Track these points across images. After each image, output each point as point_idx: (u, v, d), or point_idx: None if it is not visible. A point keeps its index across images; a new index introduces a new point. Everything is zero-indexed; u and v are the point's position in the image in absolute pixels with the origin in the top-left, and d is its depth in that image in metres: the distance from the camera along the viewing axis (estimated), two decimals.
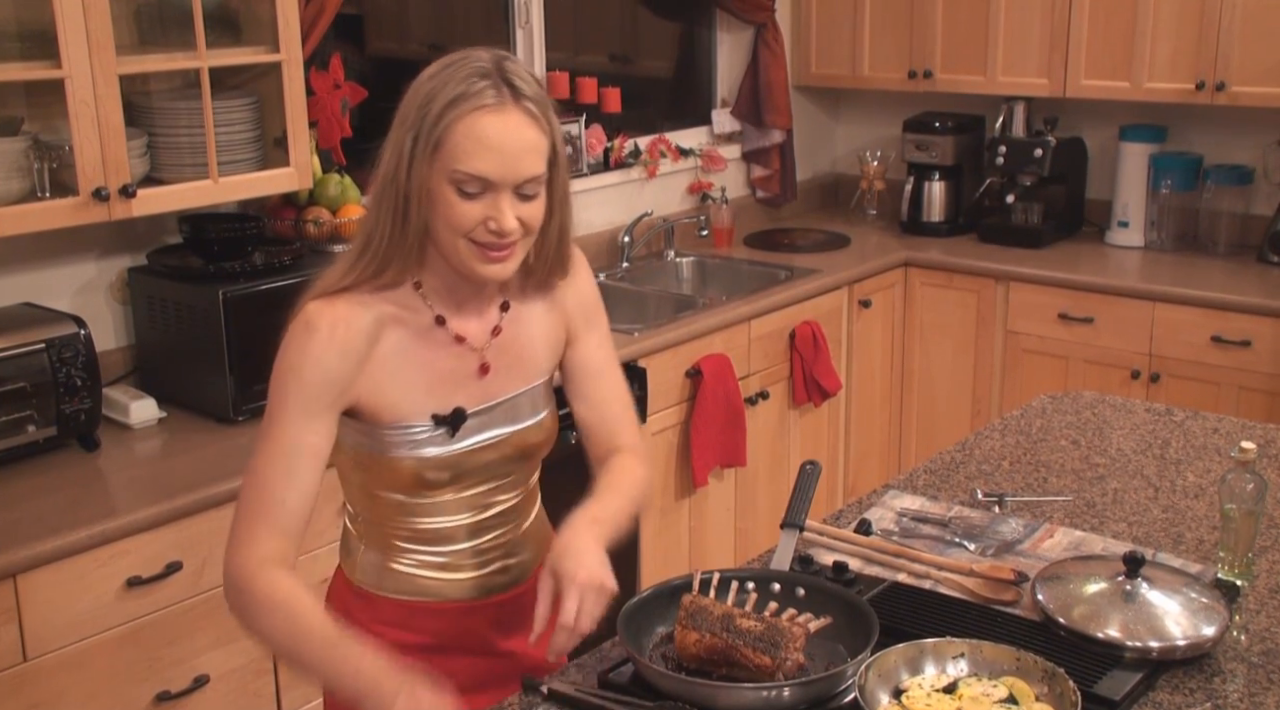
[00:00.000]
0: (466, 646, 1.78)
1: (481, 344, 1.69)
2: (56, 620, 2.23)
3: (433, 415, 1.65)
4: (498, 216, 1.54)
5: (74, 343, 2.51)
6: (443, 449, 1.67)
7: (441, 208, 1.55)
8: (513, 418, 1.73)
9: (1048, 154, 4.19)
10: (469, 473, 1.70)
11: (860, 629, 1.65)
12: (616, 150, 4.08)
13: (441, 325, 1.66)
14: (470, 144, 1.52)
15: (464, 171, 1.53)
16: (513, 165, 1.54)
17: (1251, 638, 1.74)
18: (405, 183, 1.55)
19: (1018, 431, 2.53)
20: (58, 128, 2.53)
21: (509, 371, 1.72)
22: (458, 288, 1.66)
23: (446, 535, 1.74)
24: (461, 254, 1.58)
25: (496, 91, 1.53)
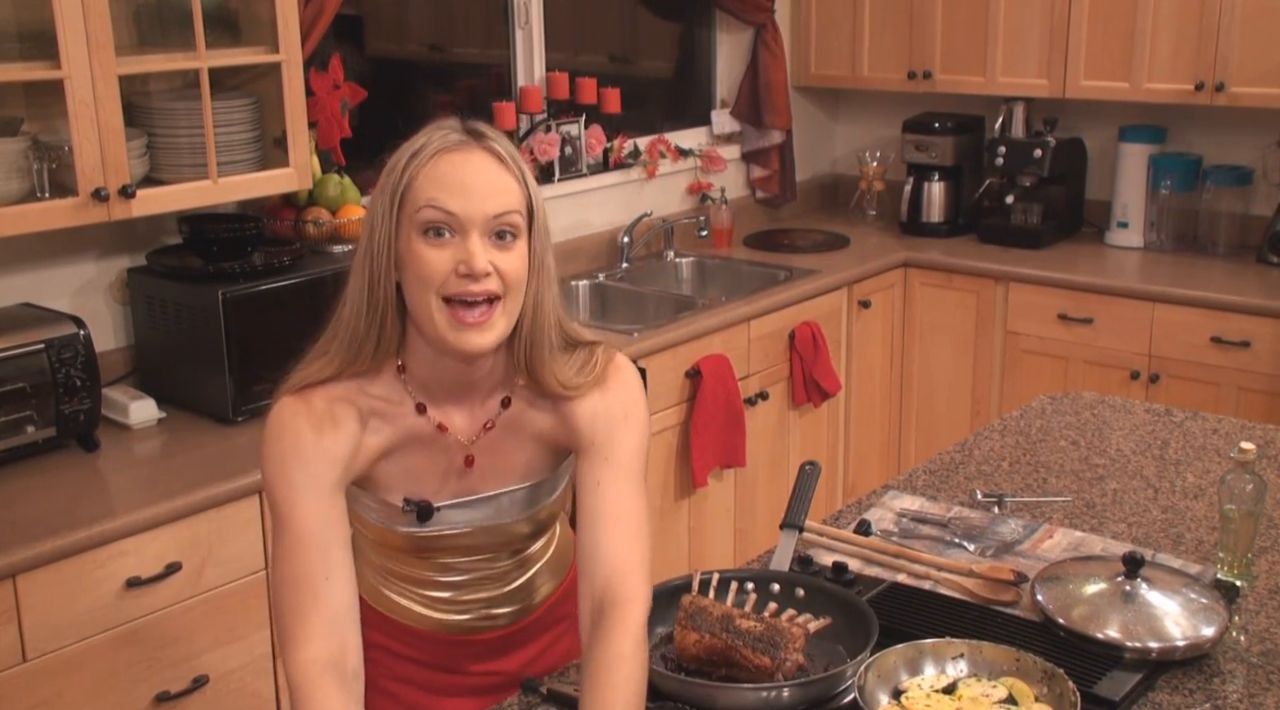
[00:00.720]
0: (455, 668, 1.77)
1: (468, 438, 1.59)
2: (56, 620, 2.23)
3: (405, 498, 1.60)
4: (467, 258, 1.44)
5: (73, 343, 2.51)
6: (413, 529, 1.62)
7: (413, 264, 1.46)
8: (496, 513, 1.65)
9: (1047, 154, 4.19)
10: (443, 550, 1.66)
11: (860, 629, 1.65)
12: (616, 151, 4.08)
13: (422, 414, 1.57)
14: (431, 183, 1.45)
15: (427, 206, 1.44)
16: (479, 199, 1.45)
17: (1251, 638, 1.74)
18: (379, 250, 1.47)
19: (1017, 432, 2.53)
20: (57, 128, 2.53)
21: (495, 470, 1.62)
22: (440, 379, 1.56)
23: (428, 585, 1.71)
24: (436, 320, 1.46)
25: (459, 136, 1.49)
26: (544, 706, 1.62)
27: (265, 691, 2.56)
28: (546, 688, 1.63)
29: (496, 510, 1.65)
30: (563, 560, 1.81)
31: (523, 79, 3.88)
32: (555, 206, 3.91)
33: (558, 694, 1.62)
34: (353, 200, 3.13)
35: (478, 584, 1.72)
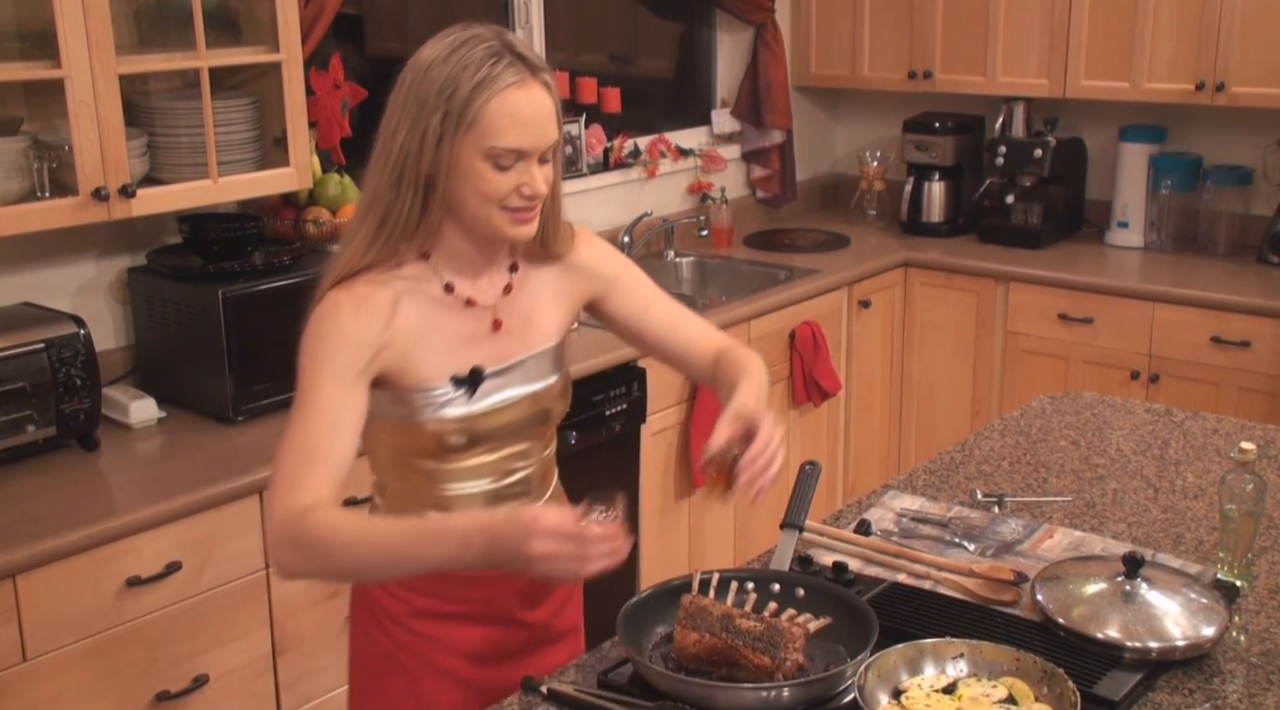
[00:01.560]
0: (492, 615, 1.82)
1: (492, 302, 1.77)
2: (56, 620, 2.23)
3: (452, 378, 1.72)
4: (531, 182, 1.65)
5: (73, 342, 2.51)
6: (463, 410, 1.73)
7: (475, 181, 1.63)
8: (527, 379, 1.79)
9: (1047, 154, 4.19)
10: (488, 435, 1.76)
11: (860, 629, 1.65)
12: (616, 150, 4.08)
13: (450, 292, 1.73)
14: (505, 121, 1.61)
15: (502, 146, 1.62)
16: (540, 134, 1.64)
17: (1251, 638, 1.75)
18: (431, 161, 1.62)
19: (1017, 432, 2.53)
20: (57, 127, 2.53)
21: (520, 332, 1.79)
22: (466, 255, 1.74)
23: (468, 503, 1.79)
24: (494, 221, 1.67)
25: (517, 69, 1.62)
26: (544, 706, 1.62)
27: (265, 691, 2.56)
28: (547, 687, 1.63)
29: (527, 374, 1.79)
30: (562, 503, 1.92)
31: None
32: None
33: (558, 694, 1.62)
34: (353, 199, 3.12)
35: (516, 491, 1.82)
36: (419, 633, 1.80)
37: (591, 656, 1.75)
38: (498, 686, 1.78)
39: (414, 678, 1.82)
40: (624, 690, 1.61)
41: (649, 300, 1.95)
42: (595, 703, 1.58)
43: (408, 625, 1.81)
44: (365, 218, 1.68)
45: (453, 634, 1.81)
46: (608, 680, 1.65)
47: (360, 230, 1.68)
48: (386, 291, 1.67)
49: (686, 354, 1.95)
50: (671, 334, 1.95)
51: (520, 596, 1.84)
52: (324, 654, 2.64)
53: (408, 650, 1.81)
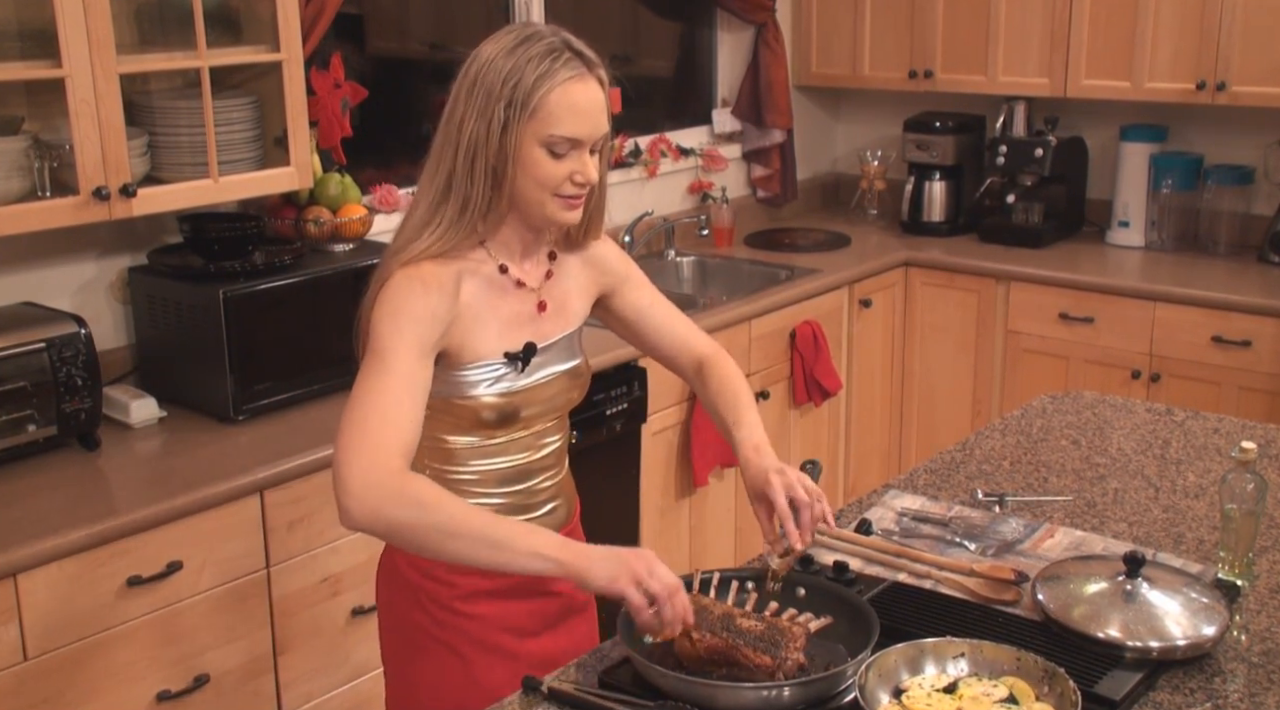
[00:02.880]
0: (530, 587, 1.88)
1: (538, 285, 1.88)
2: (57, 619, 2.23)
3: (505, 354, 1.81)
4: (584, 171, 1.75)
5: (74, 342, 2.51)
6: (511, 384, 1.83)
7: (532, 168, 1.73)
8: (563, 357, 1.91)
9: (1048, 154, 4.19)
10: (530, 408, 1.86)
11: (860, 629, 1.65)
12: (617, 150, 4.08)
13: (504, 273, 1.83)
14: (563, 111, 1.71)
15: (559, 135, 1.71)
16: (597, 124, 1.75)
17: (1252, 638, 1.74)
18: (499, 149, 1.72)
19: (1018, 431, 2.53)
20: (58, 127, 2.53)
21: (557, 314, 1.90)
22: (517, 241, 1.84)
23: (504, 477, 1.88)
24: (548, 207, 1.76)
25: (575, 64, 1.74)
26: (545, 706, 1.62)
27: (266, 690, 2.56)
28: (548, 687, 1.63)
29: (564, 352, 1.91)
30: (572, 489, 2.04)
31: None
32: None
33: (559, 693, 1.62)
34: (353, 199, 3.12)
35: (545, 464, 1.93)
36: (469, 613, 1.86)
37: (592, 656, 1.75)
38: (543, 657, 1.87)
39: (466, 658, 1.87)
40: (625, 690, 1.62)
41: (651, 299, 2.06)
42: (596, 702, 1.59)
43: (455, 607, 1.86)
44: (443, 204, 1.76)
45: (502, 610, 1.88)
46: (609, 680, 1.65)
47: (440, 217, 1.76)
48: (450, 270, 1.76)
49: (676, 355, 2.07)
50: (668, 334, 2.07)
51: None
52: (324, 653, 2.64)
53: (456, 631, 1.87)
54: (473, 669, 1.87)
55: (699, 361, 2.06)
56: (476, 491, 1.87)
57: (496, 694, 1.72)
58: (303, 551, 2.56)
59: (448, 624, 1.87)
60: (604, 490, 3.27)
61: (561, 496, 1.98)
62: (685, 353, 2.07)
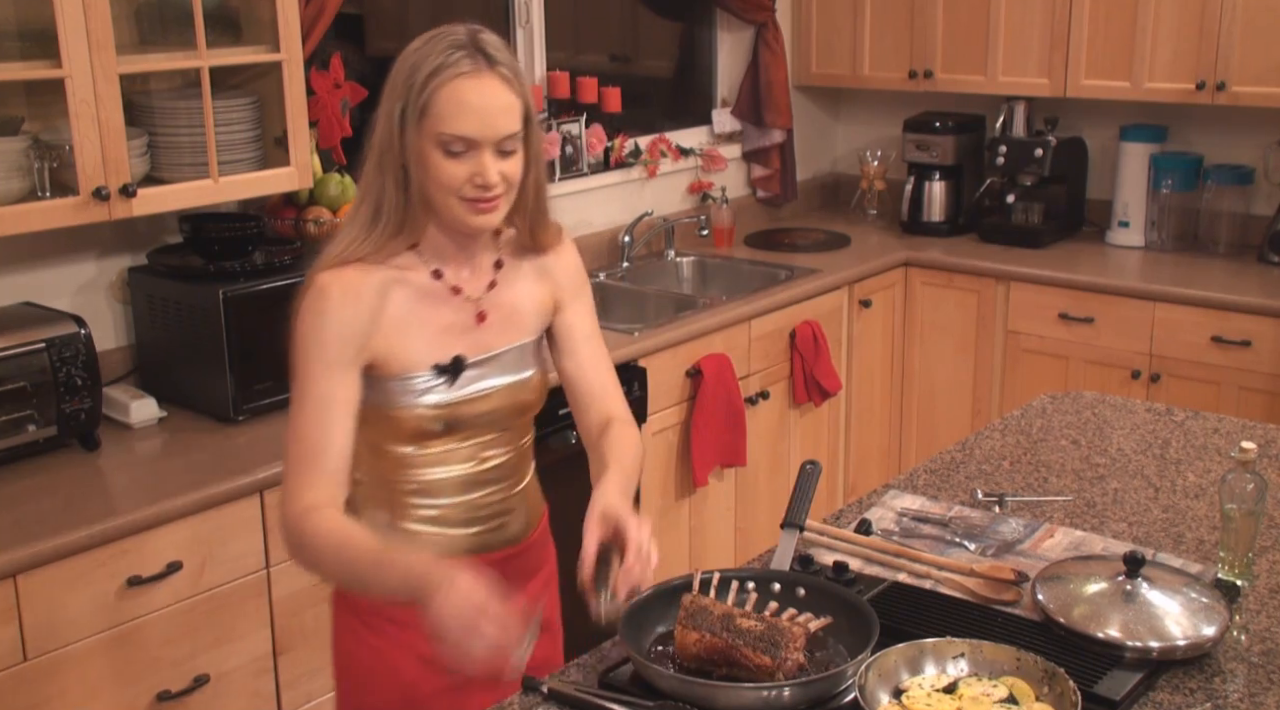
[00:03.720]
0: None
1: (478, 294, 1.82)
2: (57, 620, 2.23)
3: (434, 365, 1.77)
4: (482, 172, 1.69)
5: (74, 342, 2.51)
6: (443, 397, 1.78)
7: (431, 170, 1.69)
8: (505, 370, 1.84)
9: (1048, 154, 4.19)
10: (466, 423, 1.80)
11: (860, 629, 1.65)
12: (617, 150, 4.08)
13: (439, 279, 1.79)
14: (452, 108, 1.66)
15: (449, 133, 1.67)
16: (491, 124, 1.68)
17: (1252, 638, 1.74)
18: (400, 150, 1.70)
19: (1018, 431, 2.53)
20: (58, 127, 2.53)
21: (503, 325, 1.84)
22: (451, 245, 1.79)
23: (445, 488, 1.83)
24: (454, 210, 1.72)
25: (473, 60, 1.68)
26: (544, 706, 1.62)
27: (266, 690, 2.56)
28: (547, 687, 1.63)
29: (507, 366, 1.84)
30: (537, 497, 1.99)
31: None
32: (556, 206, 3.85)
33: (559, 693, 1.62)
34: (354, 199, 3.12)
35: (491, 478, 1.86)
36: (400, 621, 1.79)
37: (592, 656, 1.75)
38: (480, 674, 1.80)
39: (396, 668, 1.84)
40: (625, 690, 1.62)
41: (591, 331, 1.96)
42: (596, 702, 1.59)
43: (388, 615, 1.82)
44: (360, 207, 1.76)
45: None
46: (608, 680, 1.65)
47: (356, 219, 1.76)
48: (374, 279, 1.73)
49: (589, 400, 1.94)
50: (591, 375, 1.95)
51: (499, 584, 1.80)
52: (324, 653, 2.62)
53: (390, 640, 1.83)
54: (404, 677, 1.84)
55: (608, 418, 1.92)
56: (416, 501, 1.83)
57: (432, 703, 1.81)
58: None
59: (378, 629, 1.84)
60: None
61: (515, 512, 1.90)
62: (599, 403, 1.94)
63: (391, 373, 1.75)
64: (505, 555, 1.88)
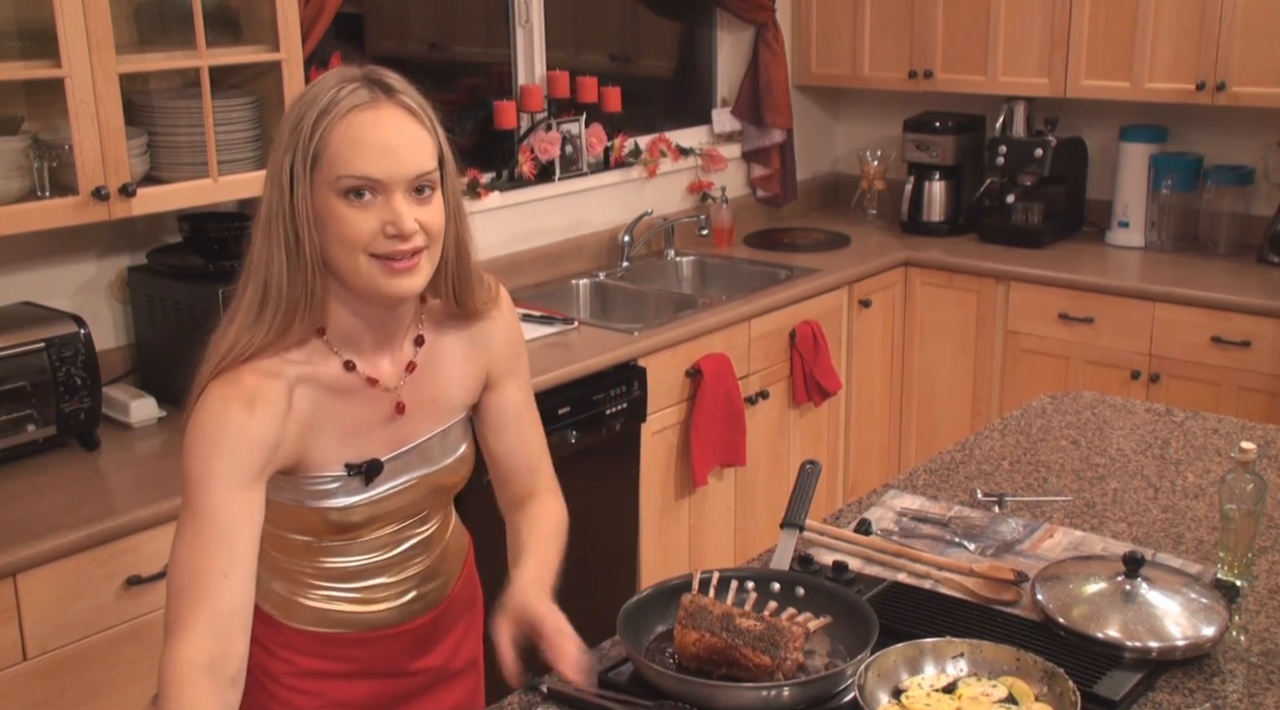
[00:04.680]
0: (381, 670, 1.75)
1: (395, 384, 1.61)
2: (56, 619, 2.23)
3: (346, 464, 1.59)
4: (395, 218, 1.45)
5: (74, 342, 2.51)
6: (356, 497, 1.61)
7: (334, 225, 1.46)
8: (427, 460, 1.67)
9: (1048, 154, 4.19)
10: (382, 516, 1.66)
11: (860, 629, 1.65)
12: (616, 149, 4.08)
13: (351, 371, 1.57)
14: (348, 146, 1.44)
15: (348, 175, 1.44)
16: (398, 159, 1.45)
17: (1251, 638, 1.74)
18: (290, 211, 1.46)
19: (1018, 431, 2.53)
20: (57, 127, 2.52)
21: (424, 411, 1.64)
22: (365, 329, 1.57)
23: (359, 572, 1.69)
24: (364, 274, 1.48)
25: (368, 90, 1.47)
26: (544, 706, 1.62)
27: None
28: (547, 687, 1.63)
29: (427, 455, 1.66)
30: (460, 544, 1.86)
31: (523, 78, 3.88)
32: (556, 205, 3.91)
33: (558, 693, 1.62)
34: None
35: (410, 557, 1.72)
36: (302, 690, 1.71)
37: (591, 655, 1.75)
38: None
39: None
40: (624, 689, 1.62)
41: (524, 406, 1.78)
42: (595, 702, 1.58)
43: (290, 684, 1.71)
44: (245, 291, 1.52)
45: (338, 690, 1.72)
46: (608, 679, 1.65)
47: (240, 305, 1.52)
48: (279, 382, 1.50)
49: (514, 478, 1.79)
50: (519, 453, 1.79)
51: (411, 649, 1.77)
52: None
53: (285, 705, 1.71)
54: None
55: (530, 492, 1.79)
56: (323, 585, 1.68)
57: None
58: None
59: (280, 698, 1.71)
60: (603, 490, 3.27)
61: (436, 577, 1.77)
62: (525, 480, 1.79)
63: (300, 472, 1.56)
64: (428, 618, 1.78)
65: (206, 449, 1.46)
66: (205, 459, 1.46)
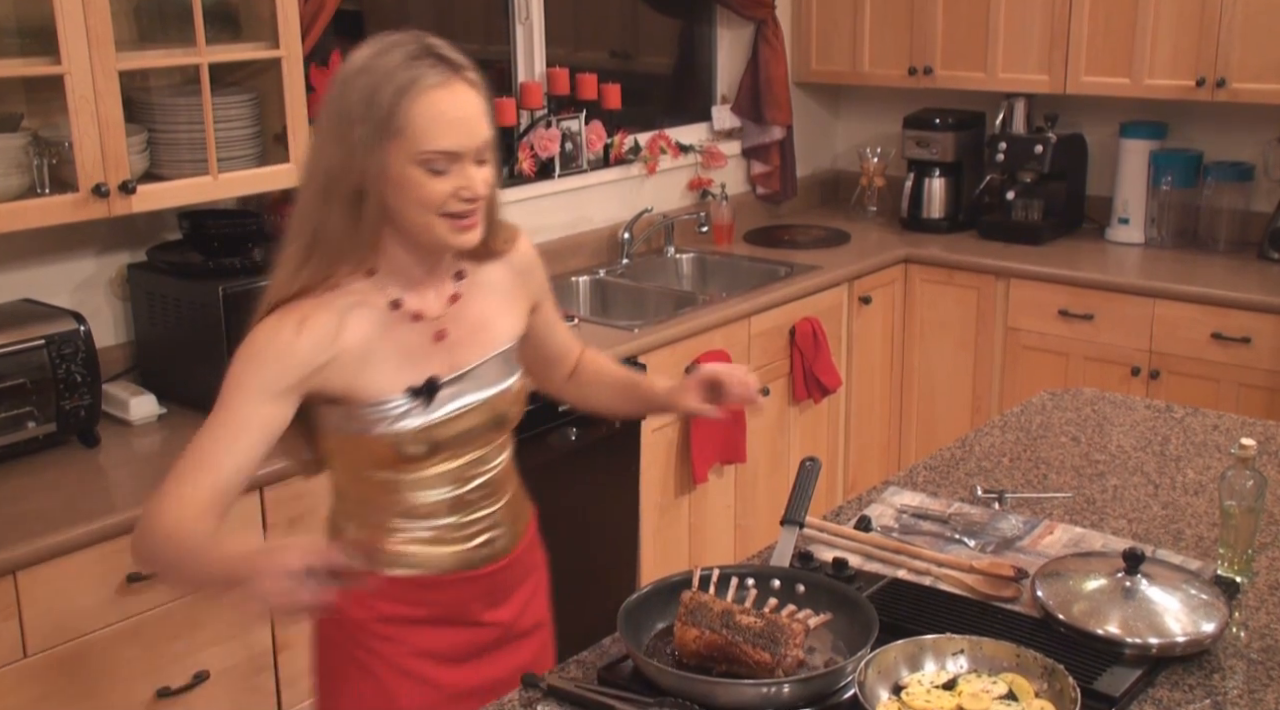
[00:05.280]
0: (455, 618, 1.83)
1: (439, 313, 1.75)
2: (57, 616, 2.23)
3: (407, 389, 1.71)
4: (469, 183, 1.63)
5: (74, 339, 2.51)
6: (420, 420, 1.72)
7: (412, 191, 1.61)
8: (481, 385, 1.78)
9: (1048, 151, 4.19)
10: (447, 443, 1.75)
11: (860, 625, 1.65)
12: (617, 146, 4.08)
13: (399, 306, 1.72)
14: (431, 123, 1.59)
15: (432, 150, 1.59)
16: (470, 134, 1.62)
17: (1251, 634, 1.75)
18: (359, 175, 1.60)
19: (1018, 428, 2.53)
20: (57, 124, 2.52)
21: (472, 338, 1.78)
22: (411, 267, 1.72)
23: (430, 511, 1.78)
24: (436, 230, 1.64)
25: (438, 69, 1.61)
26: (544, 703, 1.62)
27: (266, 687, 2.56)
28: (547, 684, 1.63)
29: (482, 380, 1.78)
30: (525, 506, 1.95)
31: (523, 74, 3.87)
32: (556, 203, 3.91)
33: (558, 690, 1.62)
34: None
35: (476, 499, 1.81)
36: (382, 635, 1.80)
37: (592, 652, 1.75)
38: (465, 686, 1.83)
39: (379, 680, 1.81)
40: (624, 686, 1.62)
41: (554, 309, 2.00)
42: (595, 699, 1.59)
43: (371, 629, 1.79)
44: (295, 239, 1.66)
45: (416, 636, 1.81)
46: (608, 676, 1.65)
47: (290, 252, 1.66)
48: (330, 310, 1.65)
49: (565, 357, 2.04)
50: (562, 346, 2.03)
51: (483, 598, 1.85)
52: None
53: (372, 653, 1.81)
54: (390, 692, 1.81)
55: (576, 356, 2.06)
56: (400, 524, 1.78)
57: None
58: None
59: (366, 645, 1.80)
60: (604, 487, 3.27)
61: (501, 527, 1.86)
62: (569, 355, 2.04)
63: (363, 401, 1.68)
64: (493, 570, 1.85)
65: (248, 358, 1.64)
66: (244, 367, 1.64)
